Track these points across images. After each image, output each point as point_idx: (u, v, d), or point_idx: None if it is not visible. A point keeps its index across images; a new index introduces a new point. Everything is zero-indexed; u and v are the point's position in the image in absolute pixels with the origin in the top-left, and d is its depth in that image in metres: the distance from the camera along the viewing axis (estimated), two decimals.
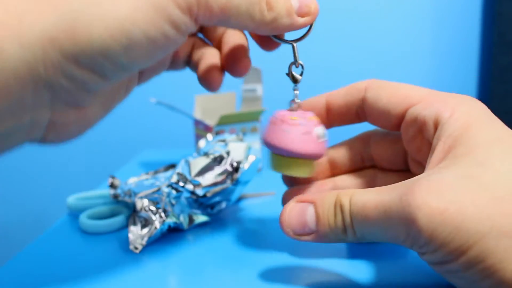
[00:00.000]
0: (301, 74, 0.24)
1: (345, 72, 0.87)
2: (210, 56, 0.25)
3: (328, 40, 0.87)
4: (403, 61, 0.88)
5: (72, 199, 0.35)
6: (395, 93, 0.22)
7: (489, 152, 0.17)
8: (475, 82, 0.91)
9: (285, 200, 0.27)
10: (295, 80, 0.24)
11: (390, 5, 0.87)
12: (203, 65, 0.25)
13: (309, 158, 0.23)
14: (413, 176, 0.22)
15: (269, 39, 0.24)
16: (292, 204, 0.21)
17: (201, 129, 0.47)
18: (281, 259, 0.26)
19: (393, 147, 0.25)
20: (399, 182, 0.18)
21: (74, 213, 0.35)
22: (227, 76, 0.26)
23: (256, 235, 0.30)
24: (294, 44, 0.23)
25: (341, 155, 0.26)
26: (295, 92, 0.24)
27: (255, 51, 0.25)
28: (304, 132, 0.22)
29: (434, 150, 0.19)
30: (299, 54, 0.24)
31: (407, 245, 0.17)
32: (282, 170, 0.23)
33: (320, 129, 0.23)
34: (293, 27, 0.21)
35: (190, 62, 0.27)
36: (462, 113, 0.19)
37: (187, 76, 0.90)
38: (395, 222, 0.17)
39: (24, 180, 0.93)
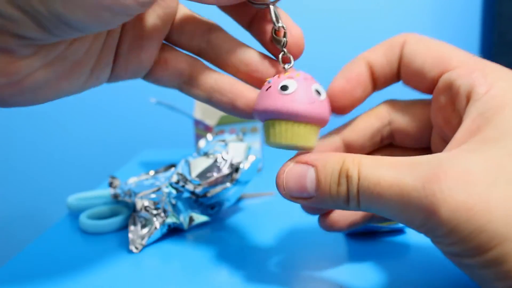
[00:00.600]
0: (284, 36, 0.20)
1: None
2: (228, 86, 0.22)
3: (328, 40, 0.87)
4: None
5: (72, 199, 0.35)
6: (434, 52, 0.20)
7: None
8: None
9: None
10: (280, 43, 0.20)
11: (390, 5, 0.87)
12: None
13: (282, 118, 0.19)
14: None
15: (242, 7, 0.21)
16: (290, 165, 0.19)
17: (201, 129, 0.47)
18: (281, 259, 0.26)
19: (418, 120, 0.22)
20: (419, 157, 0.16)
21: (74, 213, 0.35)
22: None
23: (256, 235, 0.30)
24: (271, 6, 0.20)
25: (358, 136, 0.23)
26: (280, 56, 0.21)
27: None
28: (266, 88, 0.19)
29: (460, 128, 0.17)
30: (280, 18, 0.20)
31: (420, 231, 0.16)
32: (270, 140, 0.20)
33: (288, 82, 0.19)
34: None
35: (191, 88, 0.23)
36: (500, 90, 0.17)
37: None
38: (413, 207, 0.15)
39: (24, 180, 0.93)
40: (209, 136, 0.36)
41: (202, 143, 0.36)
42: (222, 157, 0.31)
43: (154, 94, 0.89)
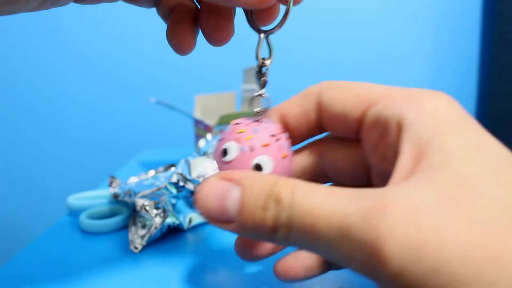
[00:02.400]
0: (265, 75, 0.19)
1: (345, 73, 0.87)
2: (184, 9, 0.20)
3: (329, 41, 0.87)
4: (403, 61, 0.88)
5: (72, 199, 0.35)
6: (351, 92, 0.18)
7: (468, 164, 0.14)
8: (475, 81, 0.91)
9: None
10: (258, 83, 0.19)
11: (390, 5, 0.87)
12: (174, 19, 0.20)
13: None
14: None
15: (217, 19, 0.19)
16: (213, 180, 0.16)
17: (201, 129, 0.47)
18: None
19: (353, 156, 0.20)
20: (362, 189, 0.14)
21: (74, 213, 0.35)
22: (227, 76, 0.25)
23: None
24: (262, 36, 0.18)
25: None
26: (255, 94, 0.19)
27: (255, 51, 0.24)
28: (220, 139, 0.18)
29: (400, 157, 0.15)
30: (274, 51, 0.19)
31: (362, 273, 0.14)
32: None
33: (230, 145, 0.17)
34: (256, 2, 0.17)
35: (158, 4, 0.21)
36: (431, 113, 0.15)
37: (187, 76, 0.90)
38: (353, 244, 0.13)
39: (24, 180, 0.93)
40: (209, 136, 0.36)
41: (202, 143, 0.36)
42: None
43: (154, 94, 0.89)
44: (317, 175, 0.21)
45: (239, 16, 0.21)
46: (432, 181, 0.14)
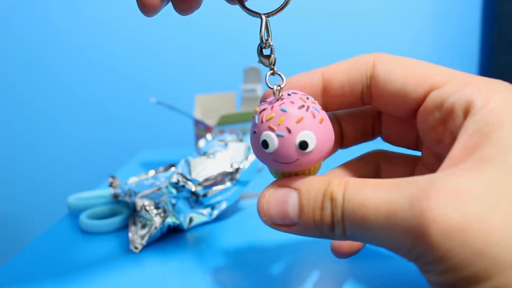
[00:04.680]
0: (271, 52, 0.19)
1: None
2: None
3: (328, 40, 0.87)
4: None
5: (72, 199, 0.35)
6: (414, 70, 0.18)
7: None
8: None
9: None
10: (266, 64, 0.19)
11: (390, 5, 0.87)
12: None
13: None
14: (425, 169, 0.19)
15: None
16: (271, 189, 0.17)
17: (201, 129, 0.47)
18: (281, 259, 0.26)
19: (405, 127, 0.20)
20: (410, 177, 0.15)
21: (74, 213, 0.35)
22: (227, 76, 0.25)
23: (256, 235, 0.30)
24: (263, 18, 0.18)
25: (350, 119, 0.21)
26: (267, 74, 0.19)
27: (255, 51, 0.24)
28: (253, 132, 0.18)
29: (454, 146, 0.15)
30: (272, 33, 0.18)
31: (408, 258, 0.14)
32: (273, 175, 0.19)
33: (268, 136, 0.17)
34: None
35: None
36: (498, 104, 0.15)
37: (187, 76, 0.90)
38: (400, 230, 0.14)
39: (25, 180, 0.93)
40: (209, 136, 0.36)
41: (202, 143, 0.36)
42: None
43: (154, 94, 0.89)
44: (376, 130, 0.22)
45: (240, 16, 0.21)
46: (482, 170, 0.14)
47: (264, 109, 0.17)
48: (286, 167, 0.17)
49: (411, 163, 0.21)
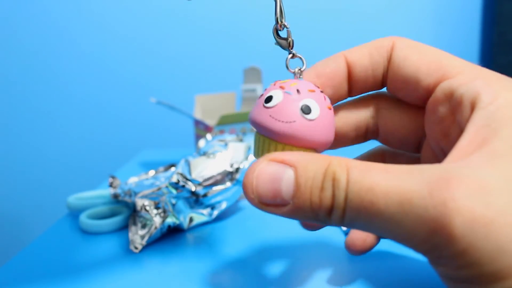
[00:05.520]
0: (288, 35, 0.18)
1: None
2: None
3: (328, 40, 0.87)
4: None
5: (72, 199, 0.35)
6: (429, 58, 0.17)
7: None
8: None
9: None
10: (284, 45, 0.18)
11: (390, 5, 0.87)
12: None
13: (261, 133, 0.17)
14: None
15: None
16: (263, 163, 0.15)
17: (201, 129, 0.47)
18: (281, 259, 0.26)
19: (409, 121, 0.19)
20: (421, 165, 0.14)
21: (74, 213, 0.35)
22: (227, 76, 0.25)
23: (256, 235, 0.30)
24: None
25: (342, 123, 0.20)
26: (288, 57, 0.18)
27: (255, 51, 0.24)
28: (260, 95, 0.17)
29: (462, 137, 0.15)
30: (285, 13, 0.18)
31: (418, 250, 0.14)
32: (254, 154, 0.18)
33: (275, 92, 0.16)
34: None
35: None
36: (506, 101, 0.15)
37: (187, 76, 0.90)
38: (414, 219, 0.13)
39: (25, 180, 0.93)
40: (209, 136, 0.36)
41: (202, 143, 0.36)
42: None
43: (154, 94, 0.89)
44: (369, 130, 0.20)
45: (240, 16, 0.21)
46: (496, 164, 0.13)
47: (277, 82, 0.17)
48: (278, 128, 0.16)
49: (414, 162, 0.21)
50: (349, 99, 0.21)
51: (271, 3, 0.20)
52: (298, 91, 0.16)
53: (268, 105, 0.16)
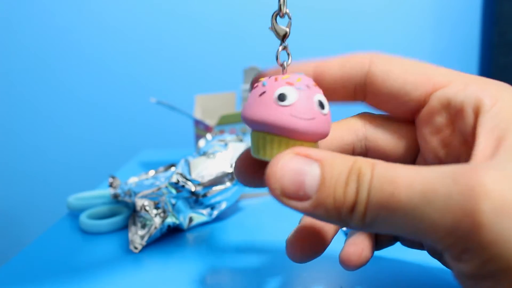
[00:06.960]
0: (287, 26, 0.18)
1: None
2: None
3: (328, 40, 0.87)
4: None
5: (72, 199, 0.35)
6: (412, 70, 0.17)
7: None
8: None
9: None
10: (278, 34, 0.18)
11: (390, 5, 0.87)
12: None
13: (277, 133, 0.16)
14: None
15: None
16: (289, 156, 0.15)
17: (201, 129, 0.47)
18: (281, 259, 0.26)
19: (399, 140, 0.19)
20: (438, 165, 0.13)
21: (74, 213, 0.35)
22: (227, 76, 0.25)
23: (256, 235, 0.30)
24: None
25: (326, 144, 0.20)
26: (279, 49, 0.18)
27: (255, 51, 0.24)
28: (260, 93, 0.16)
29: (478, 140, 0.15)
30: (287, 1, 0.18)
31: (441, 245, 0.13)
32: (259, 154, 0.17)
33: (287, 89, 0.16)
34: None
35: None
36: (505, 102, 0.15)
37: (187, 76, 0.90)
38: (439, 209, 0.12)
39: (25, 180, 0.93)
40: (209, 136, 0.36)
41: (202, 143, 0.36)
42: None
43: (154, 94, 0.89)
44: (356, 154, 0.20)
45: (240, 16, 0.21)
46: None
47: (272, 76, 0.17)
48: (303, 126, 0.15)
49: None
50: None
51: (271, 3, 0.20)
52: (308, 86, 0.16)
53: (284, 103, 0.16)
